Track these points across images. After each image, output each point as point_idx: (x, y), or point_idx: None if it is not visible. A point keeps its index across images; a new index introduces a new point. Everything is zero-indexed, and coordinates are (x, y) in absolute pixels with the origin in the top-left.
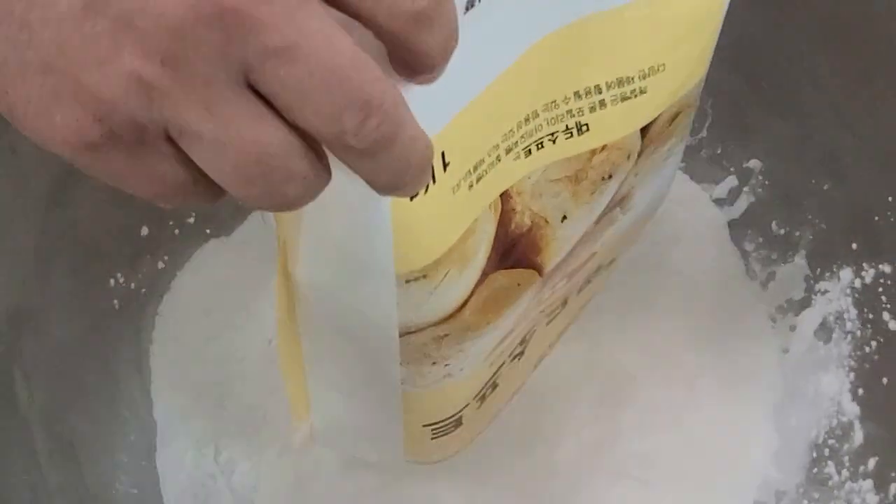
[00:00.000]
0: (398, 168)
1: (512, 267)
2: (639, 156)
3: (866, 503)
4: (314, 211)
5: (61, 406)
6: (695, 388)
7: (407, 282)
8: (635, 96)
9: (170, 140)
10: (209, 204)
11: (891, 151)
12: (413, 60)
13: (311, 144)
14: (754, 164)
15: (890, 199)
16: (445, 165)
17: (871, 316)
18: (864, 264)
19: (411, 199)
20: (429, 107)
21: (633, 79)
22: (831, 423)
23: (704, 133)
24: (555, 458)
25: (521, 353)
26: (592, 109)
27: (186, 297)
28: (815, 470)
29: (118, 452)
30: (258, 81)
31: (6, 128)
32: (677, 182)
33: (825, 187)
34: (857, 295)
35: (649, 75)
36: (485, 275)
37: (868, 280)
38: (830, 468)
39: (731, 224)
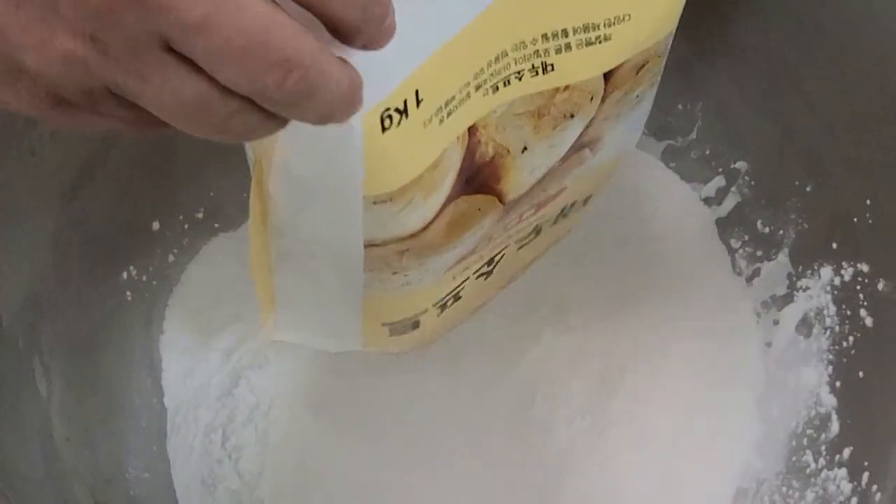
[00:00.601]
0: (325, 110)
1: (474, 193)
2: (603, 100)
3: (841, 490)
4: (288, 136)
5: (77, 394)
6: (682, 380)
7: (374, 203)
8: (599, 42)
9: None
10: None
11: (870, 157)
12: (334, 29)
13: None
14: (741, 165)
15: (868, 202)
16: (419, 102)
17: (849, 312)
18: (844, 263)
19: (383, 131)
20: (405, 48)
21: (598, 25)
22: (810, 414)
23: (694, 135)
24: (546, 447)
25: (489, 272)
26: (558, 51)
27: (196, 290)
28: (794, 458)
29: (130, 438)
30: (181, 50)
31: (25, 131)
32: (668, 181)
33: (808, 189)
34: (836, 292)
35: (615, 24)
36: (449, 200)
37: (847, 278)
38: (808, 457)
39: (719, 222)
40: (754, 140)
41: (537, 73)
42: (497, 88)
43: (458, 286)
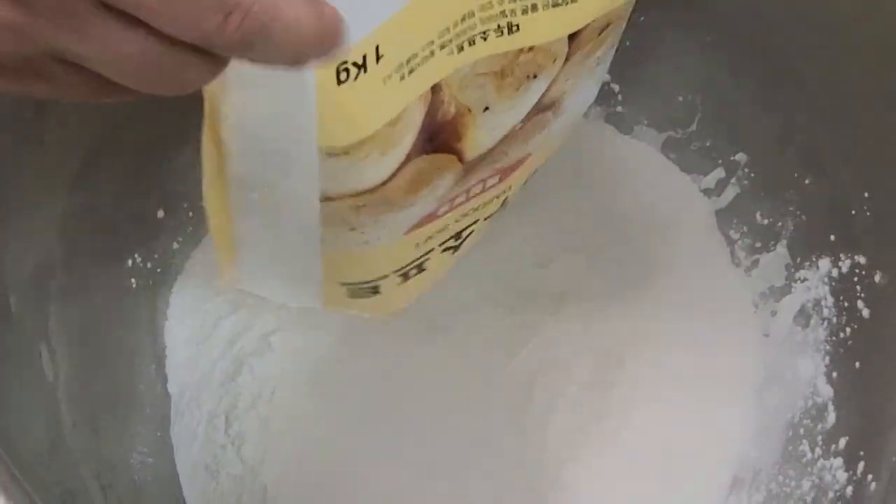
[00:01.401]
0: (288, 51)
1: (434, 152)
2: (566, 61)
3: (836, 479)
4: (240, 84)
5: (83, 380)
6: (680, 370)
7: (329, 156)
8: (566, 4)
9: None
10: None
11: (868, 150)
12: None
13: None
14: (741, 157)
15: (866, 194)
16: (379, 58)
17: (846, 304)
18: (842, 255)
19: (338, 84)
20: (369, 3)
21: None
22: (807, 405)
23: (694, 127)
24: (545, 436)
25: (457, 247)
26: (525, 12)
27: (200, 277)
28: (791, 448)
29: (135, 424)
30: (113, 4)
31: (34, 121)
32: (668, 172)
33: (806, 181)
34: (833, 283)
35: None
36: (408, 158)
37: (844, 270)
38: (805, 447)
39: (718, 213)
40: (754, 132)
41: (502, 34)
42: (462, 48)
43: (422, 257)
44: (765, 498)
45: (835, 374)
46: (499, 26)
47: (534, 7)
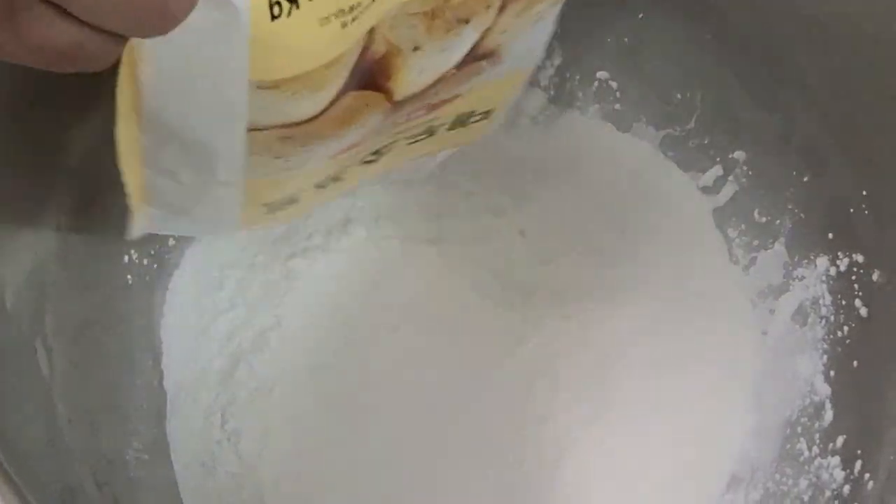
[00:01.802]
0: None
1: (363, 89)
2: (501, 10)
3: (834, 478)
4: None
5: (79, 376)
6: (679, 367)
7: (258, 88)
8: None
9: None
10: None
11: (867, 148)
12: None
13: None
14: (739, 154)
15: (865, 192)
16: None
17: (844, 302)
18: (840, 253)
19: (272, 19)
20: None
21: None
22: (804, 403)
23: (692, 124)
24: (544, 434)
25: (374, 160)
26: None
27: (196, 273)
28: (788, 446)
29: (131, 420)
30: None
31: (30, 115)
32: (666, 170)
33: (805, 179)
34: (831, 282)
35: None
36: (338, 95)
37: (843, 268)
38: (802, 445)
39: (716, 211)
40: (752, 130)
41: None
42: None
43: (340, 169)
44: (762, 496)
45: (832, 373)
46: None
47: None
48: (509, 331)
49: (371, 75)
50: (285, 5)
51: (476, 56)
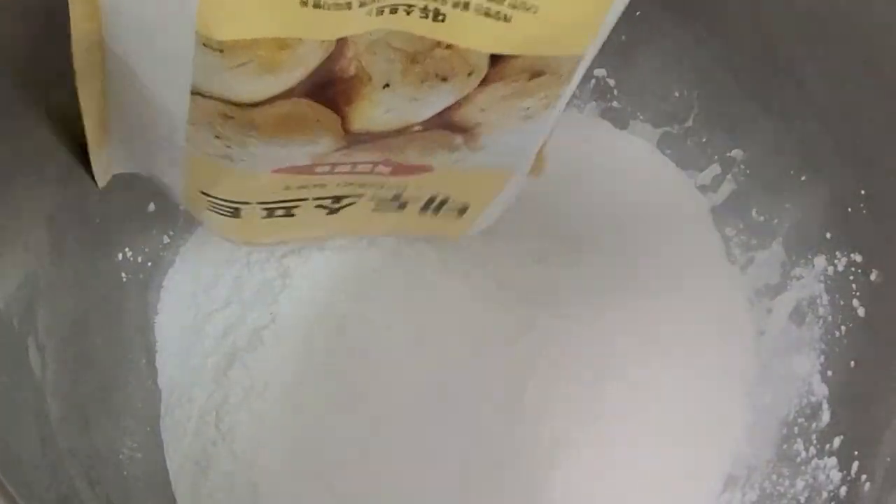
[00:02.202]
0: None
1: (318, 101)
2: (484, 83)
3: (830, 479)
4: None
5: (72, 374)
6: (674, 367)
7: (204, 45)
8: (498, 19)
9: None
10: None
11: (865, 148)
12: None
13: None
14: (737, 153)
15: (863, 192)
16: None
17: (841, 302)
18: (837, 253)
19: None
20: None
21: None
22: (801, 403)
23: (691, 122)
24: (539, 432)
25: (333, 210)
26: (455, 5)
27: (191, 271)
28: (785, 446)
29: (125, 419)
30: None
31: (23, 114)
32: (663, 168)
33: (803, 178)
34: (829, 282)
35: (518, 7)
36: (289, 93)
37: (840, 268)
38: (799, 445)
39: (714, 210)
40: (750, 129)
41: (427, 17)
42: (382, 12)
43: (292, 202)
44: (758, 497)
45: (830, 373)
46: (426, 7)
47: (466, 5)
48: (504, 329)
49: (332, 92)
50: None
51: (450, 124)
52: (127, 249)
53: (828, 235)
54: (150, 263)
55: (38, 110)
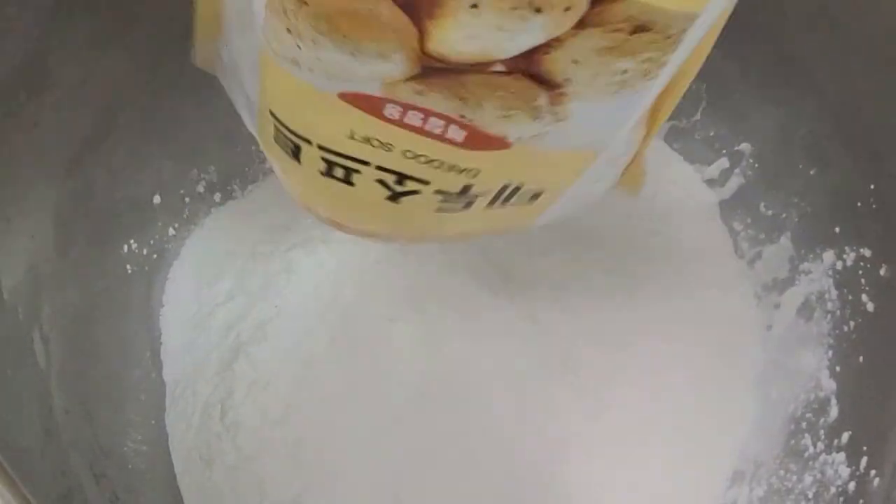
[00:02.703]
0: None
1: (400, 6)
2: (579, 25)
3: (839, 475)
4: None
5: (76, 366)
6: (681, 362)
7: None
8: None
9: None
10: None
11: (874, 142)
12: None
13: None
14: (745, 147)
15: (872, 186)
16: None
17: (850, 297)
18: (846, 247)
19: None
20: None
21: None
22: (809, 398)
23: (699, 116)
24: (544, 428)
25: (395, 193)
26: None
27: (196, 263)
28: (793, 442)
29: (129, 411)
30: None
31: (28, 103)
32: (671, 162)
33: (811, 172)
34: (838, 276)
35: None
36: None
37: (849, 263)
38: (807, 440)
39: (722, 204)
40: (758, 122)
41: None
42: None
43: (353, 161)
44: (765, 492)
45: (838, 368)
46: None
47: None
48: (509, 323)
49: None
50: None
51: (536, 74)
52: (132, 241)
53: (836, 230)
54: (154, 256)
55: (43, 99)
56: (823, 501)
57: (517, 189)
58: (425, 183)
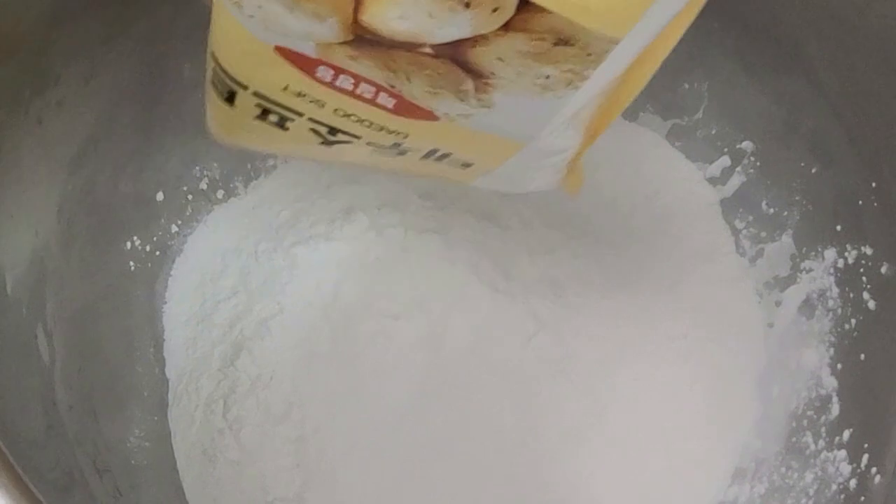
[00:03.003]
0: None
1: None
2: (506, 27)
3: (840, 472)
4: None
5: (79, 362)
6: (683, 358)
7: None
8: None
9: None
10: None
11: (876, 140)
12: None
13: None
14: (747, 145)
15: (874, 184)
16: None
17: (851, 295)
18: (848, 245)
19: None
20: None
21: None
22: (810, 396)
23: (700, 114)
24: (547, 427)
25: (328, 141)
26: None
27: (199, 260)
28: (794, 439)
29: (132, 408)
30: None
31: (32, 100)
32: (673, 160)
33: (813, 171)
34: (839, 274)
35: None
36: None
37: (850, 261)
38: (808, 438)
39: (723, 202)
40: (760, 120)
41: None
42: None
43: (287, 110)
44: (767, 489)
45: (839, 366)
46: None
47: None
48: (511, 320)
49: None
50: None
51: (463, 62)
52: (135, 238)
53: (838, 228)
54: (158, 252)
55: (46, 96)
56: (825, 499)
57: (447, 154)
58: (357, 136)
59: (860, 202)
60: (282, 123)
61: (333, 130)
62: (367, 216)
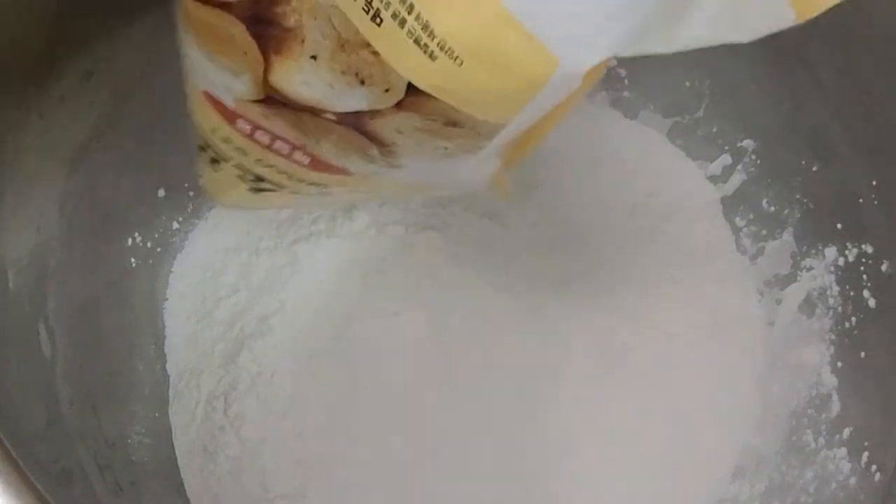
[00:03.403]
0: None
1: (252, 35)
2: (399, 106)
3: (840, 470)
4: None
5: (81, 358)
6: (683, 357)
7: None
8: (424, 52)
9: None
10: None
11: (876, 138)
12: None
13: None
14: (748, 143)
15: (874, 182)
16: None
17: (852, 293)
18: (848, 244)
19: None
20: None
21: (433, 34)
22: (811, 394)
23: (701, 113)
24: (547, 422)
25: (255, 189)
26: (394, 17)
27: (200, 257)
28: (794, 437)
29: (133, 404)
30: None
31: (34, 96)
32: (674, 158)
33: (814, 169)
34: (840, 272)
35: (444, 51)
36: (229, 6)
37: (851, 259)
38: (808, 436)
39: (724, 200)
40: (761, 119)
41: (368, 13)
42: None
43: (215, 151)
44: (767, 487)
45: (839, 364)
46: (371, 3)
47: (402, 21)
48: (512, 317)
49: (265, 31)
50: None
51: (365, 131)
52: (136, 234)
53: (839, 226)
54: (159, 249)
55: (49, 92)
56: (825, 496)
57: (369, 193)
58: (281, 186)
59: (861, 200)
60: (215, 164)
61: (258, 179)
62: (368, 214)
